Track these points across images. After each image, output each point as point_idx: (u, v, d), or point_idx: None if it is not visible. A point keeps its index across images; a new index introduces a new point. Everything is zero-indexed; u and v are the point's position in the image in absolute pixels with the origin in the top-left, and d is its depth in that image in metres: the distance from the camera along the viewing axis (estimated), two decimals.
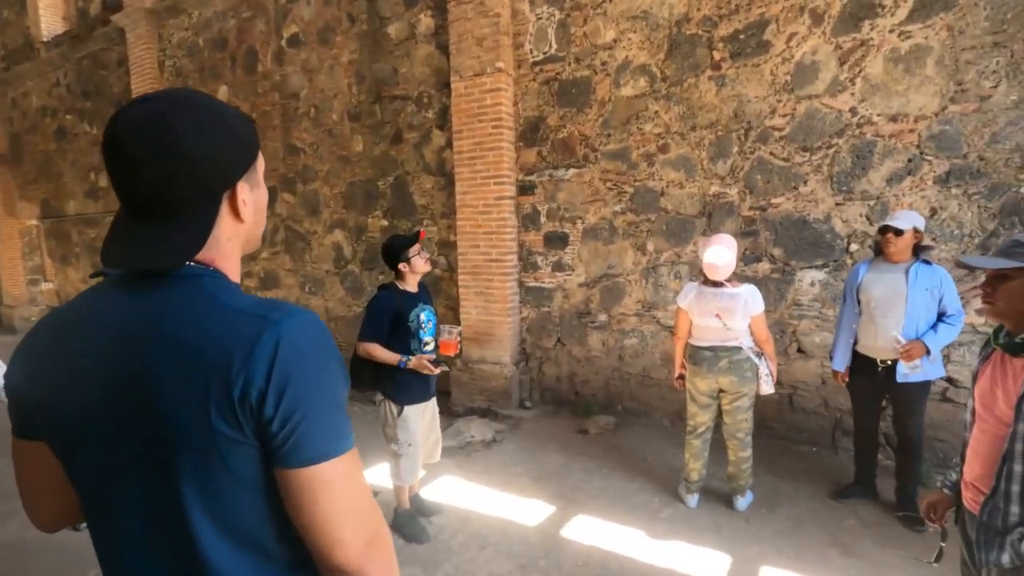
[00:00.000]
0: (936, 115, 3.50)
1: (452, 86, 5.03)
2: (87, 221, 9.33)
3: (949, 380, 3.55)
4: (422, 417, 3.05)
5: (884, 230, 3.03)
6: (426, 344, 3.00)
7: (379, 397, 3.00)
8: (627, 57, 4.46)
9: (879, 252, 3.15)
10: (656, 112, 4.40)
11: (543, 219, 5.02)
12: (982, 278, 1.56)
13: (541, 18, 4.79)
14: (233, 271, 0.82)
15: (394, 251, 2.96)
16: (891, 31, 3.56)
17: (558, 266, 5.00)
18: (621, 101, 4.53)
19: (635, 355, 4.71)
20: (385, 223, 5.93)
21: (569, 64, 4.72)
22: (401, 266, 2.98)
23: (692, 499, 3.33)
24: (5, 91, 10.33)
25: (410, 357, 2.88)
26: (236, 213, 0.79)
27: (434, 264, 5.60)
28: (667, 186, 4.42)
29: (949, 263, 3.46)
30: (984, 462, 1.54)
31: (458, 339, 3.05)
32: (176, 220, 0.73)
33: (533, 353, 5.22)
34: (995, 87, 3.34)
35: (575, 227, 4.87)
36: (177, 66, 7.44)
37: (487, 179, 5.00)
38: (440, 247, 5.60)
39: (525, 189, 5.07)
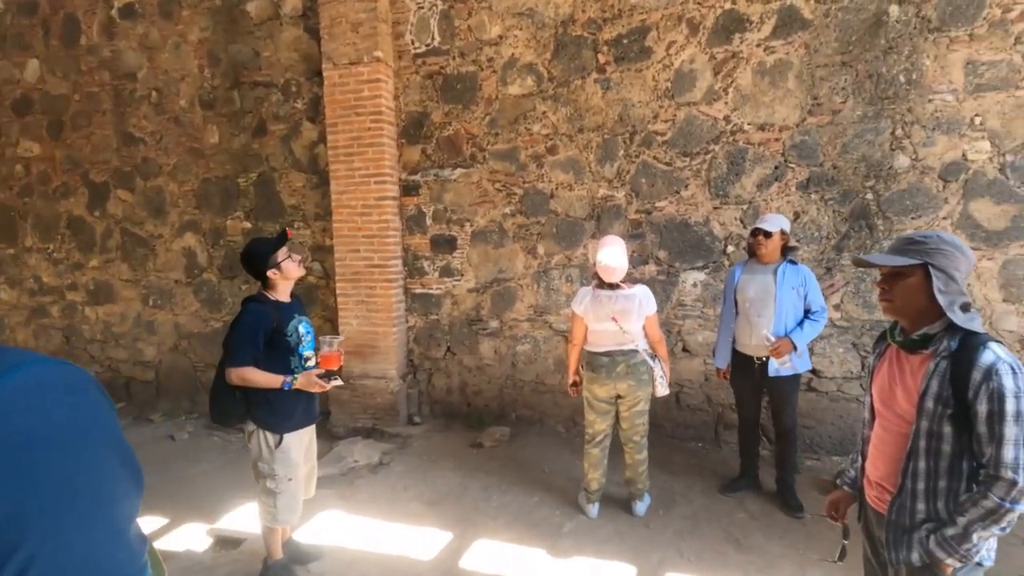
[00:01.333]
0: (797, 126, 3.77)
1: (324, 75, 4.55)
2: None
3: (813, 371, 3.83)
4: (302, 445, 2.62)
5: (755, 232, 3.17)
6: (307, 360, 2.59)
7: (251, 427, 2.52)
8: (514, 55, 4.33)
9: (752, 254, 3.29)
10: (544, 112, 4.31)
11: (429, 221, 4.72)
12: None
13: (423, 7, 4.50)
14: None
15: (258, 256, 2.51)
16: (758, 45, 3.78)
17: (446, 271, 4.72)
18: (509, 100, 4.38)
19: (528, 362, 4.57)
20: (248, 225, 5.24)
21: (454, 58, 4.48)
22: (270, 273, 2.54)
23: (593, 509, 3.24)
24: None
25: (295, 376, 2.45)
26: None
27: (308, 270, 5.05)
28: (556, 188, 4.35)
29: (812, 263, 3.74)
30: (888, 460, 1.54)
31: (340, 351, 2.66)
32: None
33: (421, 364, 4.89)
34: (844, 102, 3.66)
35: (463, 230, 4.64)
36: None
37: (366, 177, 4.59)
38: (314, 252, 5.06)
39: (409, 189, 4.73)
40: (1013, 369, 1.28)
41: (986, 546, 1.39)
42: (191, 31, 5.15)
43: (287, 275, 2.58)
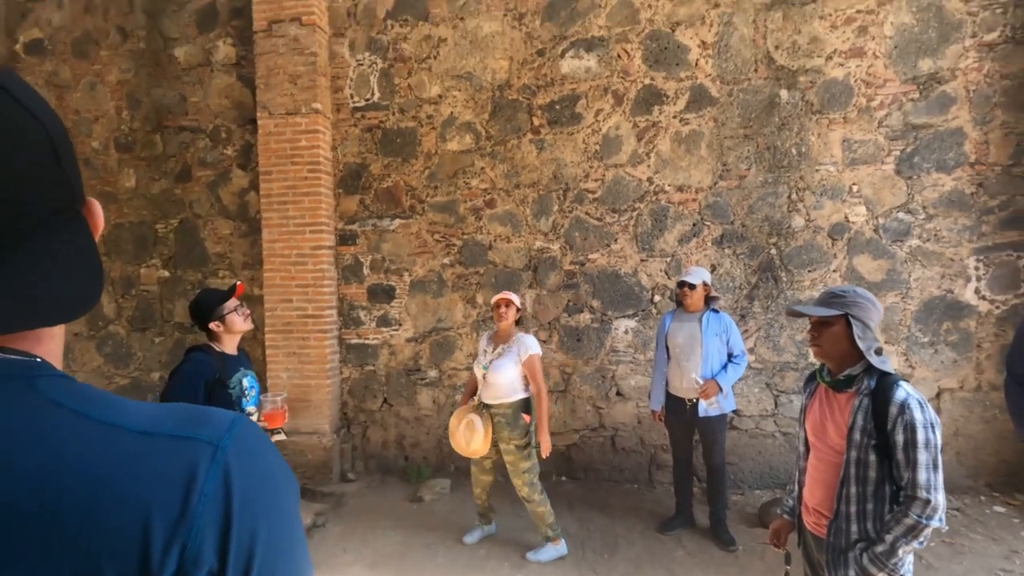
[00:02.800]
0: (710, 188, 4.22)
1: (259, 123, 4.50)
2: None
3: (734, 411, 4.15)
4: None
5: (681, 284, 3.49)
6: (250, 415, 2.47)
7: None
8: (452, 113, 4.53)
9: (679, 304, 3.59)
10: (482, 168, 4.51)
11: (367, 271, 4.69)
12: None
13: (363, 64, 4.62)
14: (57, 354, 0.48)
15: (204, 307, 2.43)
16: (674, 117, 4.24)
17: (384, 321, 4.68)
18: (448, 155, 4.55)
19: None
20: (166, 274, 4.92)
21: (393, 114, 4.60)
22: (213, 325, 2.45)
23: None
24: None
25: None
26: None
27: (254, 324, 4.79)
28: (495, 240, 4.51)
29: (729, 310, 4.12)
30: (824, 487, 1.75)
31: (285, 408, 2.57)
32: None
33: (355, 417, 4.73)
34: (748, 169, 4.17)
35: (402, 279, 4.65)
36: None
37: (302, 226, 4.51)
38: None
39: (346, 239, 4.70)
40: (920, 404, 1.53)
41: (906, 560, 1.60)
42: (110, 72, 4.92)
43: (232, 328, 2.50)
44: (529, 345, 3.22)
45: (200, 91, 4.82)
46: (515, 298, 3.28)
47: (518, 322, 3.35)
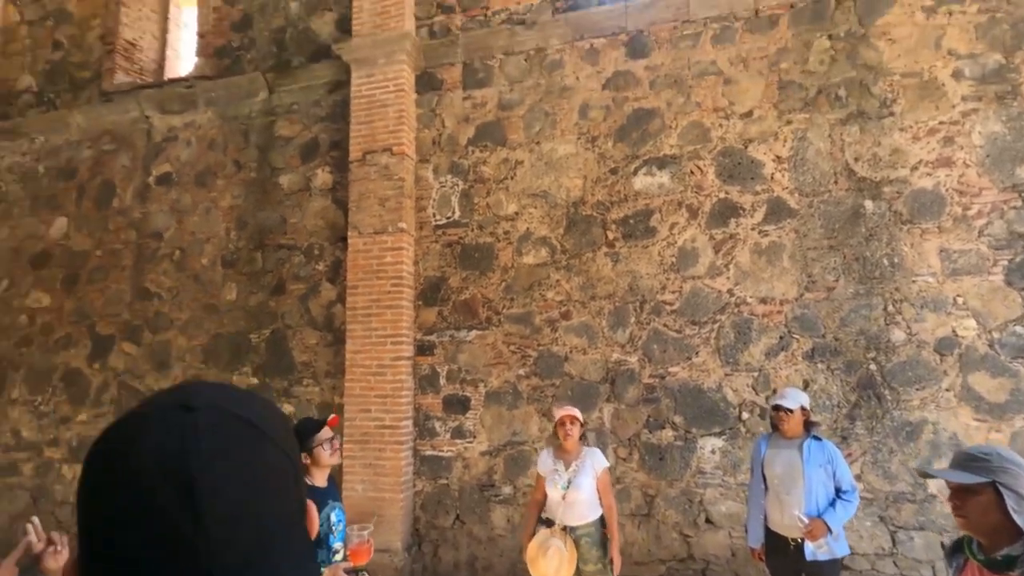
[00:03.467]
0: (796, 300, 4.07)
1: (349, 241, 4.85)
2: None
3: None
4: None
5: (776, 408, 3.26)
6: (335, 552, 2.44)
7: None
8: (528, 229, 4.72)
9: (775, 427, 3.35)
10: (557, 280, 4.59)
11: (443, 381, 4.74)
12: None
13: (444, 186, 4.96)
14: None
15: (304, 432, 2.50)
16: (752, 229, 4.21)
17: (458, 432, 4.65)
18: (524, 268, 4.68)
19: None
20: (255, 381, 5.18)
21: (472, 230, 4.85)
22: (303, 456, 2.50)
23: None
24: None
25: (322, 572, 2.29)
26: None
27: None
28: (571, 351, 4.49)
29: (826, 432, 3.80)
30: None
31: (371, 542, 2.53)
32: None
33: (427, 535, 4.59)
34: (836, 281, 4.01)
35: (477, 390, 4.66)
36: (1, 190, 6.36)
37: (383, 338, 4.69)
38: (321, 409, 4.96)
39: (424, 349, 4.82)
40: None
41: None
42: (223, 198, 5.53)
43: (319, 462, 2.55)
44: (601, 459, 3.21)
45: (299, 213, 5.31)
46: (579, 414, 3.25)
47: (581, 437, 3.29)
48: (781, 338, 4.07)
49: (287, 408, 5.01)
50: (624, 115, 4.61)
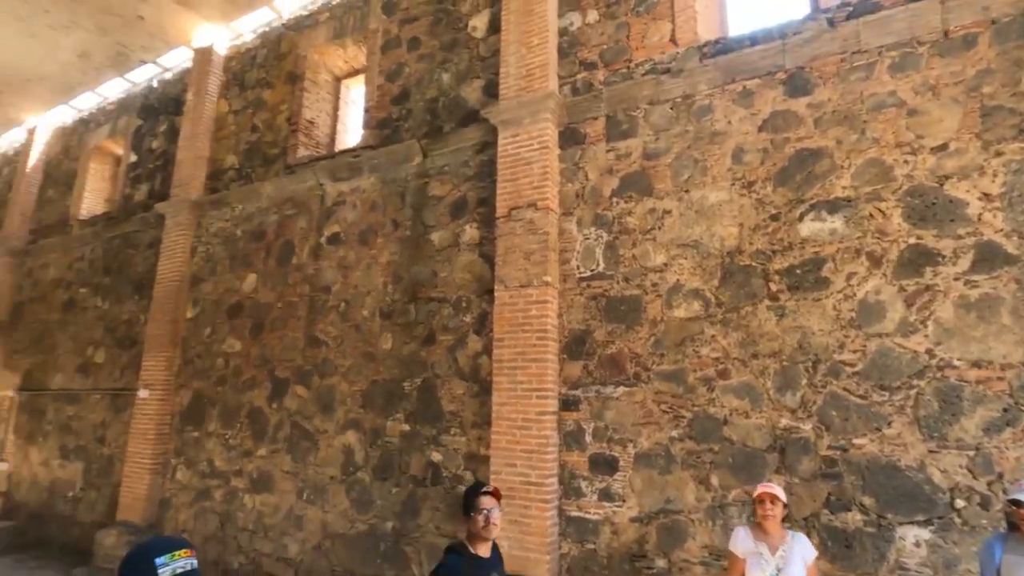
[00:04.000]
0: (1023, 364, 3.36)
1: (496, 294, 4.98)
2: (69, 398, 8.67)
3: None
4: None
5: (1013, 503, 2.66)
6: None
7: None
8: (679, 280, 4.49)
9: (1012, 527, 2.72)
10: (713, 336, 4.27)
11: (589, 438, 4.59)
12: None
13: (589, 238, 4.93)
14: None
15: (465, 497, 2.57)
16: (956, 279, 3.60)
17: (606, 495, 4.43)
18: (674, 322, 4.44)
19: None
20: (406, 427, 5.43)
21: (618, 282, 4.73)
22: (464, 517, 2.56)
23: None
24: (23, 261, 10.40)
25: None
26: None
27: (459, 480, 5.00)
28: (730, 414, 4.11)
29: None
30: None
31: None
32: None
33: None
34: None
35: (625, 451, 4.43)
36: (209, 252, 7.56)
37: (528, 391, 4.68)
38: (467, 460, 5.05)
39: (569, 404, 4.72)
40: None
41: None
42: (382, 255, 6.02)
43: (471, 525, 2.56)
44: (810, 548, 2.95)
45: (448, 267, 5.59)
46: (781, 492, 2.96)
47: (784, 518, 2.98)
48: (1005, 410, 3.36)
49: (435, 457, 5.18)
50: (785, 157, 4.27)
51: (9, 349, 9.96)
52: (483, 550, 2.52)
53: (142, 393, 7.26)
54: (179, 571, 1.48)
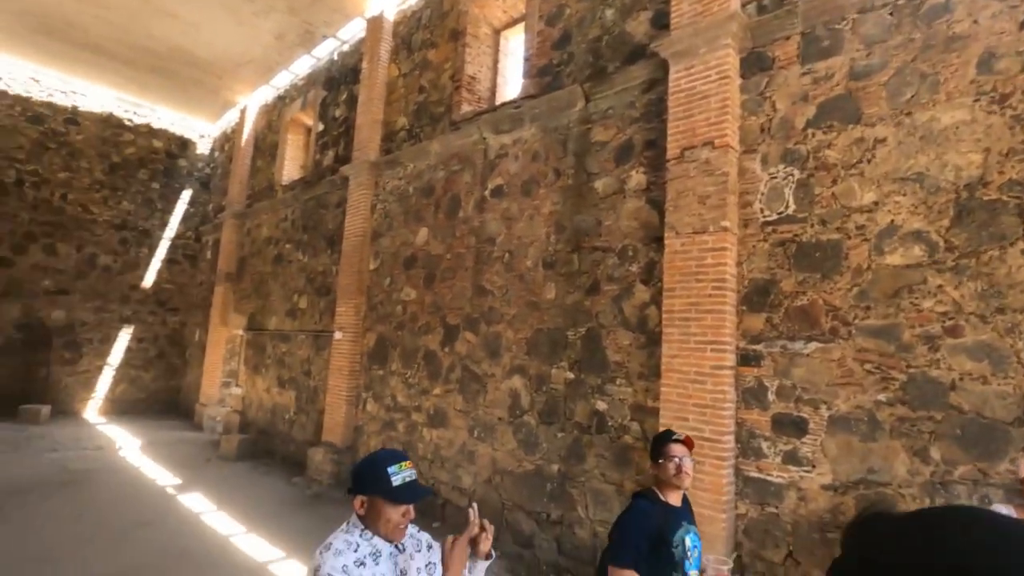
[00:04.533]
0: None
1: (666, 242, 4.71)
2: (282, 337, 10.27)
3: None
4: None
5: None
6: None
7: None
8: (893, 221, 3.82)
9: None
10: (939, 286, 3.59)
11: (771, 396, 4.22)
12: None
13: (776, 177, 4.39)
14: None
15: (654, 442, 2.51)
16: None
17: (791, 458, 4.06)
18: (885, 270, 3.81)
19: None
20: (571, 375, 5.50)
21: (812, 226, 4.17)
22: (653, 464, 2.49)
23: None
24: (244, 223, 12.37)
25: None
26: None
27: (625, 430, 4.96)
28: (960, 378, 3.46)
29: None
30: None
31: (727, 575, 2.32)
32: None
33: (752, 565, 4.15)
34: None
35: (817, 412, 3.99)
36: (386, 209, 8.24)
37: (702, 344, 4.41)
38: (634, 411, 4.97)
39: (748, 359, 4.37)
40: None
41: None
42: (544, 205, 6.03)
43: (661, 473, 2.47)
44: None
45: (612, 215, 5.42)
46: None
47: None
48: None
49: (600, 406, 5.18)
50: None
51: (238, 296, 12.04)
52: (674, 499, 2.44)
53: (337, 335, 8.31)
54: (407, 479, 1.67)
